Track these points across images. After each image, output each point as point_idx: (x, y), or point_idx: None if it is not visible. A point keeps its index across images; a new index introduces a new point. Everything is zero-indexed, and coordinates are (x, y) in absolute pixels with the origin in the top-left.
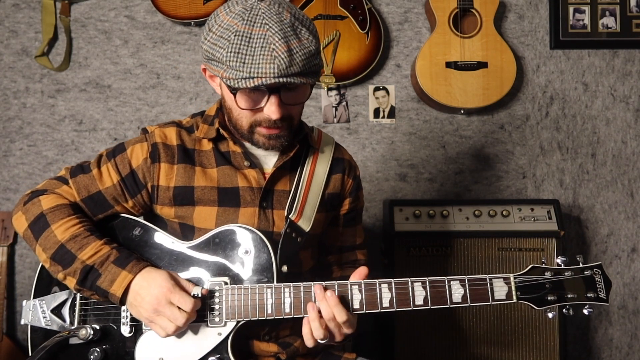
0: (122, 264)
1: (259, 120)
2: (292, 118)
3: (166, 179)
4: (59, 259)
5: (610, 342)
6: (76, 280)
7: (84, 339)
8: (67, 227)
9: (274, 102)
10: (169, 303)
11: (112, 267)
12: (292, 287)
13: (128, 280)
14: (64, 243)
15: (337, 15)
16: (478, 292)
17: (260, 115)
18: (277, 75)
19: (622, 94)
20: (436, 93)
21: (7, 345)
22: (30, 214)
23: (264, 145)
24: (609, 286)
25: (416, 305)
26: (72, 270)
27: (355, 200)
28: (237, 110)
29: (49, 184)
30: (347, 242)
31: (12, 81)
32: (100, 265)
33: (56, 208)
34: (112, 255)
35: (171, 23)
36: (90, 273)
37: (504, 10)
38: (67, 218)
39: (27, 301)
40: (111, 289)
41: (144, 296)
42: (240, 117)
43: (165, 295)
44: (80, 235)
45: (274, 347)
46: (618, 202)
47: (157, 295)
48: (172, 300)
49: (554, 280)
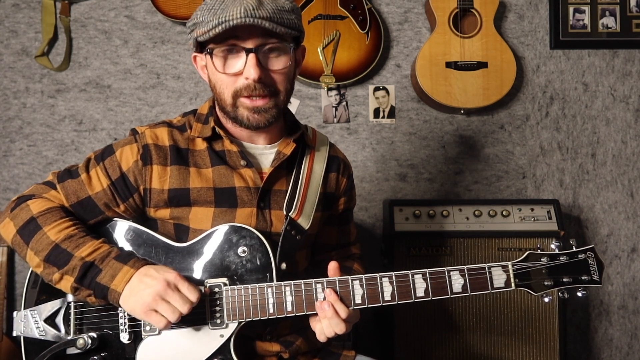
0: (125, 259)
1: (239, 88)
2: (276, 89)
3: (159, 181)
4: (54, 259)
5: (610, 342)
6: (74, 277)
7: (82, 349)
8: (61, 229)
9: (251, 62)
10: (177, 289)
11: (114, 262)
12: (293, 285)
13: (130, 275)
14: (59, 243)
15: (337, 15)
16: (477, 281)
17: (241, 81)
18: (243, 16)
19: (622, 94)
20: (436, 93)
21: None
22: (18, 219)
23: (248, 120)
24: (601, 268)
25: (417, 297)
26: (71, 267)
27: (349, 200)
28: (220, 80)
29: (37, 189)
30: (342, 240)
31: (12, 81)
32: (101, 261)
33: (47, 211)
34: (114, 252)
35: (171, 23)
36: (91, 269)
37: (504, 10)
38: (60, 220)
39: (18, 312)
40: (112, 284)
41: (148, 284)
42: (223, 90)
43: (175, 279)
44: (76, 236)
45: (277, 347)
46: (618, 202)
47: (167, 279)
48: (180, 287)
49: (550, 265)
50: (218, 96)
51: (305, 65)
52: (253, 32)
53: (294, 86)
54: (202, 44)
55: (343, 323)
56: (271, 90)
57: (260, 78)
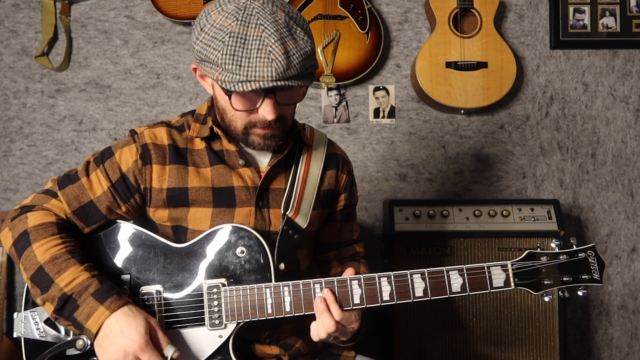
0: (102, 297)
1: (253, 122)
2: (285, 118)
3: (159, 180)
4: (38, 281)
5: (610, 342)
6: (53, 307)
7: (82, 350)
8: (47, 248)
9: (270, 103)
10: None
11: (91, 299)
12: (291, 286)
13: (104, 318)
14: (43, 265)
15: (337, 15)
16: (477, 281)
17: (255, 117)
18: (274, 79)
19: (622, 94)
20: (436, 93)
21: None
22: (15, 230)
23: (259, 145)
24: (602, 267)
25: (416, 297)
26: (50, 296)
27: (351, 196)
28: (232, 111)
29: (37, 199)
30: (345, 237)
31: (12, 81)
32: (79, 295)
33: (40, 226)
34: (92, 286)
35: (171, 23)
36: (68, 303)
37: (504, 10)
38: (50, 237)
39: (19, 313)
40: (87, 323)
41: (112, 343)
42: (235, 119)
43: (135, 352)
44: (60, 258)
45: (276, 350)
46: (618, 202)
47: (126, 349)
48: (142, 358)
49: (550, 264)
50: (228, 123)
51: None
52: None
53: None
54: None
55: (333, 322)
56: (282, 122)
57: (277, 118)
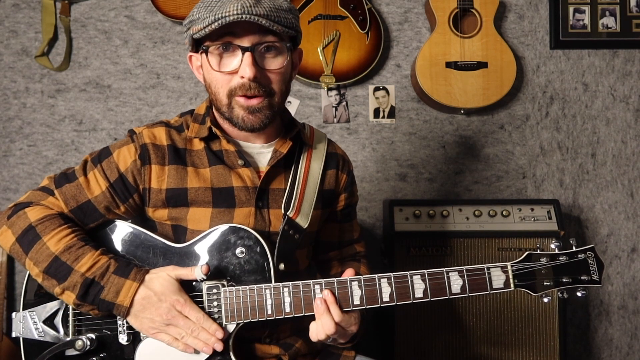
0: (124, 272)
1: (234, 87)
2: (271, 89)
3: (158, 180)
4: (54, 272)
5: (610, 342)
6: (76, 295)
7: (81, 350)
8: (59, 238)
9: (247, 60)
10: (181, 315)
11: (115, 277)
12: (291, 286)
13: (134, 289)
14: (58, 255)
15: (337, 15)
16: (476, 282)
17: (237, 81)
18: (240, 12)
19: (622, 94)
20: (436, 93)
21: (7, 345)
22: (16, 227)
23: (243, 121)
24: (601, 268)
25: (416, 298)
26: (71, 284)
27: (351, 196)
28: (214, 80)
29: (33, 196)
30: (345, 237)
31: (12, 81)
32: (101, 277)
33: (45, 219)
34: (112, 265)
35: (171, 23)
36: (92, 287)
37: (504, 10)
38: (59, 228)
39: (17, 313)
40: (118, 299)
41: (153, 309)
42: (217, 89)
43: (182, 310)
44: (75, 246)
45: (276, 349)
46: (618, 202)
47: (170, 310)
48: (185, 313)
49: (550, 265)
50: (213, 96)
51: (305, 65)
52: (249, 30)
53: (290, 89)
54: (198, 42)
55: (333, 323)
56: (266, 90)
57: (256, 77)
